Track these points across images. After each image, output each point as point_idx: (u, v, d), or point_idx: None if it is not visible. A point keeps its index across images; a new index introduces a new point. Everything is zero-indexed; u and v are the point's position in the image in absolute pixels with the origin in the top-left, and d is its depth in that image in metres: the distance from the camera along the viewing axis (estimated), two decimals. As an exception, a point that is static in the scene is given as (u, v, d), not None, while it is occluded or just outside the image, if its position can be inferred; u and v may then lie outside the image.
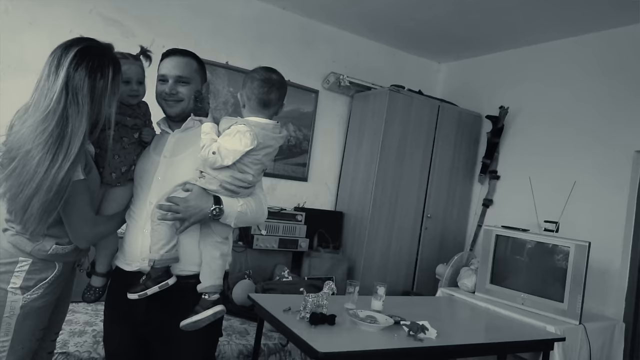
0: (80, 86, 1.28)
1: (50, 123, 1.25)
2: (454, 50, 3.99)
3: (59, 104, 1.26)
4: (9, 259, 1.37)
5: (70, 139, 1.26)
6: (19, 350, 1.40)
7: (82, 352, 1.96)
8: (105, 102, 1.33)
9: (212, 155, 1.33)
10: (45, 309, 1.44)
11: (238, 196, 1.40)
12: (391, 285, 3.47)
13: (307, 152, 3.70)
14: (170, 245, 1.36)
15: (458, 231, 3.83)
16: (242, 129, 1.35)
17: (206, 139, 1.37)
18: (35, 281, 1.38)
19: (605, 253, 2.83)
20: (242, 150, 1.34)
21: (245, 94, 1.43)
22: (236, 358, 2.23)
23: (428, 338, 1.78)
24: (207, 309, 1.36)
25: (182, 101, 1.48)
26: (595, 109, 3.10)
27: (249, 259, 3.13)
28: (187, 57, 1.51)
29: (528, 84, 3.57)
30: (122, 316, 1.46)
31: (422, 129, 3.61)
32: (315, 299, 1.83)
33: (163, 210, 1.34)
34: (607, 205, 2.92)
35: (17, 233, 1.39)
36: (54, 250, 1.39)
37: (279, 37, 3.55)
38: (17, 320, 1.37)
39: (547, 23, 3.17)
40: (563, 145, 3.24)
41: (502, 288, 2.78)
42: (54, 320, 1.55)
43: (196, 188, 1.37)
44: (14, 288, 1.36)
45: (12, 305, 1.36)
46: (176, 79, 1.47)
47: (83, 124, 1.28)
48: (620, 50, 3.02)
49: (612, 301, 2.82)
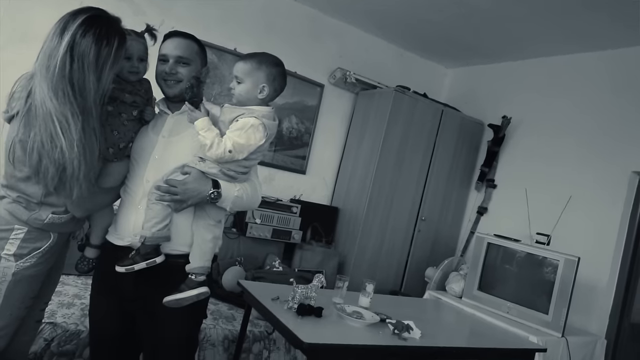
0: (86, 53, 1.28)
1: (65, 86, 1.26)
2: (461, 56, 4.00)
3: (65, 68, 1.27)
4: (5, 226, 1.38)
5: (84, 104, 1.28)
6: (7, 316, 1.42)
7: (69, 324, 1.98)
8: (107, 71, 1.33)
9: (229, 153, 1.33)
10: (36, 278, 1.45)
11: (235, 181, 1.41)
12: (380, 283, 3.48)
13: (307, 145, 3.71)
14: (163, 224, 1.37)
15: (450, 236, 3.86)
16: (255, 123, 1.36)
17: (209, 136, 1.34)
18: (29, 250, 1.39)
19: (593, 269, 2.86)
20: (256, 144, 1.36)
21: (272, 86, 1.42)
22: (221, 342, 2.25)
23: (412, 338, 1.80)
24: (193, 288, 1.38)
25: (182, 82, 1.47)
26: (595, 126, 3.12)
27: (241, 246, 3.14)
28: (188, 39, 1.51)
29: (532, 95, 3.59)
30: (109, 289, 1.47)
31: (424, 131, 3.62)
32: (304, 290, 1.84)
33: (161, 192, 1.35)
34: (600, 222, 2.95)
35: (13, 201, 1.39)
36: (50, 219, 1.40)
37: (287, 28, 3.54)
38: (7, 287, 1.38)
39: (555, 37, 3.18)
40: (561, 159, 3.26)
41: (489, 295, 2.81)
42: (45, 290, 1.56)
43: (195, 171, 1.38)
44: (7, 255, 1.37)
45: (5, 271, 1.37)
46: (177, 59, 1.47)
47: (93, 89, 1.29)
48: (624, 70, 3.04)
49: (596, 317, 2.86)
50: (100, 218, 1.56)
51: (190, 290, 1.39)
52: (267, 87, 1.41)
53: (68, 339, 1.92)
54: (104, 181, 1.51)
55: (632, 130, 2.92)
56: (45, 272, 1.48)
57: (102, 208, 1.51)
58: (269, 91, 1.42)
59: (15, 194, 1.39)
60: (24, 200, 1.38)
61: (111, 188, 1.51)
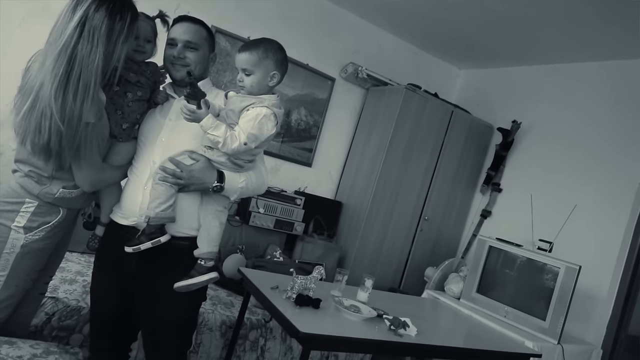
0: (98, 26, 1.30)
1: (63, 59, 1.28)
2: (475, 57, 3.97)
3: (72, 40, 1.28)
4: (16, 199, 1.41)
5: (80, 76, 1.29)
6: (12, 287, 1.45)
7: (71, 300, 2.01)
8: (119, 45, 1.35)
9: (244, 146, 1.34)
10: (43, 252, 1.48)
11: (242, 170, 1.42)
12: (379, 280, 3.50)
13: (315, 138, 3.72)
14: (167, 205, 1.38)
15: (452, 237, 3.86)
16: (267, 113, 1.37)
17: (220, 134, 1.31)
18: (39, 223, 1.42)
19: (594, 279, 2.86)
20: (269, 134, 1.37)
21: (281, 72, 1.43)
22: (219, 327, 2.27)
23: (408, 335, 1.81)
24: (203, 274, 1.40)
25: (189, 66, 1.48)
26: (605, 136, 3.10)
27: (243, 234, 3.16)
28: (197, 24, 1.52)
29: (543, 101, 3.56)
30: (111, 266, 1.50)
31: (433, 131, 3.61)
32: (304, 281, 1.85)
33: (166, 173, 1.36)
34: (604, 233, 2.93)
35: (25, 175, 1.42)
36: (61, 194, 1.43)
37: (302, 19, 3.53)
38: (15, 258, 1.42)
39: (572, 44, 3.15)
40: (569, 167, 3.25)
41: (487, 298, 2.81)
42: (50, 264, 1.60)
43: (203, 159, 1.39)
44: (17, 227, 1.40)
45: (14, 242, 1.41)
46: (185, 44, 1.48)
47: (96, 63, 1.30)
48: (638, 82, 3.01)
49: (594, 327, 2.85)
50: (109, 197, 1.58)
51: (200, 276, 1.41)
52: (278, 74, 1.42)
53: (69, 314, 1.95)
54: (112, 159, 1.53)
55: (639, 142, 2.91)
56: (52, 247, 1.51)
57: (109, 184, 1.53)
58: (279, 78, 1.43)
59: (27, 168, 1.41)
60: (35, 175, 1.41)
61: (119, 166, 1.53)
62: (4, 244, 1.41)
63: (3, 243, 1.41)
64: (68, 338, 1.94)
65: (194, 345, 2.20)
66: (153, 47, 1.55)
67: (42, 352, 1.46)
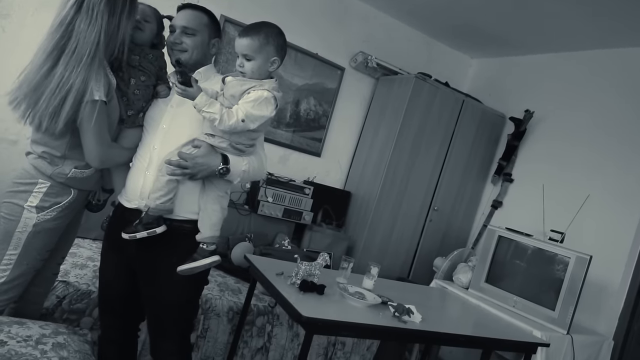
0: (97, 2, 1.34)
1: (56, 34, 1.34)
2: (488, 46, 3.91)
3: (68, 16, 1.34)
4: (30, 180, 1.47)
5: (75, 49, 1.34)
6: (23, 265, 1.50)
7: (81, 284, 2.05)
8: (124, 20, 1.39)
9: (242, 123, 1.34)
10: (54, 232, 1.53)
11: (244, 154, 1.44)
12: (387, 270, 3.51)
13: (324, 128, 3.71)
14: (168, 197, 1.42)
15: (462, 228, 3.83)
16: (268, 96, 1.37)
17: (215, 110, 1.32)
18: (51, 203, 1.47)
19: (606, 270, 2.81)
20: (269, 116, 1.38)
21: (281, 57, 1.44)
22: (226, 313, 2.30)
23: (412, 321, 1.81)
24: (205, 257, 1.42)
25: (186, 52, 1.50)
26: (621, 126, 3.03)
27: (252, 223, 3.18)
28: (197, 10, 1.54)
29: (557, 90, 3.49)
30: (117, 247, 1.53)
31: (443, 120, 3.58)
32: (308, 267, 1.87)
33: (172, 166, 1.38)
34: (617, 223, 2.88)
35: (38, 157, 1.47)
36: (73, 174, 1.47)
37: (311, 7, 3.51)
38: (27, 237, 1.47)
39: (586, 30, 3.07)
40: (582, 157, 3.18)
41: (496, 288, 2.79)
42: (62, 244, 1.65)
43: (204, 145, 1.41)
44: (30, 206, 1.46)
45: (26, 221, 1.46)
46: (182, 29, 1.50)
47: (94, 36, 1.34)
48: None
49: (605, 318, 2.81)
50: (121, 182, 1.61)
51: (203, 259, 1.44)
52: (278, 60, 1.43)
53: (79, 297, 2.00)
54: (120, 141, 1.57)
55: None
56: (63, 227, 1.56)
57: (118, 163, 1.56)
58: (279, 62, 1.43)
59: (41, 149, 1.47)
60: (48, 156, 1.46)
61: (128, 148, 1.56)
62: (16, 223, 1.46)
63: (16, 222, 1.46)
64: (78, 321, 1.98)
65: (201, 330, 2.23)
66: (152, 29, 1.57)
67: (51, 333, 1.49)
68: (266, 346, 2.41)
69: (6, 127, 2.65)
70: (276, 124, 3.48)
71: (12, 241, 1.47)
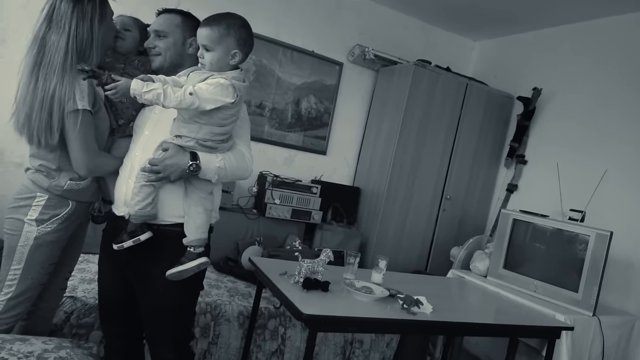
0: (65, 12, 1.38)
1: (32, 50, 1.39)
2: (490, 27, 3.80)
3: (40, 31, 1.39)
4: (29, 194, 1.50)
5: (50, 61, 1.37)
6: (28, 280, 1.52)
7: (89, 298, 2.06)
8: (96, 25, 1.41)
9: (189, 96, 1.28)
10: (56, 244, 1.54)
11: (217, 151, 1.40)
12: (403, 264, 3.43)
13: (327, 126, 3.66)
14: (146, 203, 1.40)
15: (478, 215, 3.72)
16: (225, 83, 1.33)
17: (157, 86, 1.27)
18: (50, 215, 1.49)
19: (632, 246, 2.67)
20: (224, 100, 1.33)
21: (244, 50, 1.41)
22: (236, 318, 2.27)
23: (422, 312, 1.74)
24: (192, 260, 1.40)
25: (160, 55, 1.50)
26: (634, 93, 2.88)
27: (261, 226, 3.16)
28: (171, 13, 1.53)
29: (566, 65, 3.36)
30: (112, 255, 1.52)
31: (447, 107, 3.49)
32: (311, 264, 1.82)
33: (146, 173, 1.37)
34: (639, 196, 2.74)
35: (36, 171, 1.51)
36: (69, 186, 1.50)
37: (304, 5, 3.48)
38: (29, 250, 1.49)
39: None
40: (596, 130, 3.05)
41: (515, 274, 2.68)
42: (68, 258, 1.68)
43: (172, 146, 1.39)
44: (30, 220, 1.48)
45: (27, 235, 1.48)
46: (155, 34, 1.50)
47: (64, 43, 1.37)
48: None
49: (635, 296, 2.67)
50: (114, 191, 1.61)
51: (190, 262, 1.42)
52: (239, 53, 1.39)
53: (87, 312, 2.00)
54: (113, 152, 1.58)
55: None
56: (64, 240, 1.58)
57: (107, 172, 1.56)
58: (241, 56, 1.39)
59: (38, 163, 1.50)
60: (44, 169, 1.49)
61: (119, 157, 1.56)
62: (18, 237, 1.49)
63: (17, 237, 1.49)
64: (87, 335, 1.98)
65: (212, 337, 2.21)
66: (135, 37, 1.58)
67: (53, 348, 1.49)
68: (281, 349, 2.37)
69: (11, 149, 2.70)
70: (277, 126, 3.46)
71: (15, 256, 1.50)
